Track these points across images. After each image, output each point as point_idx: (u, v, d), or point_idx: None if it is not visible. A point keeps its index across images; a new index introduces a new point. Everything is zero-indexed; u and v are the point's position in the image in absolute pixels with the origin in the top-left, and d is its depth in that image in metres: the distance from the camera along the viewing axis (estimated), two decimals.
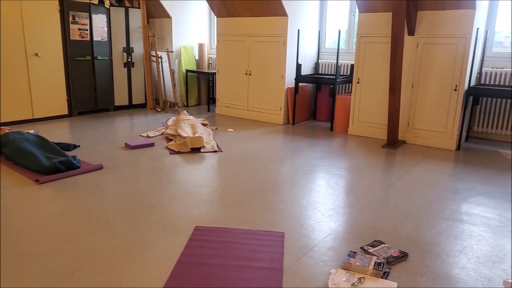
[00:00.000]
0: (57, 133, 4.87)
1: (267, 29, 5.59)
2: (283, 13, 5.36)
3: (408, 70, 4.68)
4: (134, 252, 2.22)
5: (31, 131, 4.28)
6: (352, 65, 5.65)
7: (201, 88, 7.35)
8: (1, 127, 4.28)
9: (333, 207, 2.93)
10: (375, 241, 2.44)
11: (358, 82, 5.07)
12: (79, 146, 4.33)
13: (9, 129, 4.21)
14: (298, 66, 5.51)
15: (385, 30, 4.75)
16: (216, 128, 5.39)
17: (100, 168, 3.63)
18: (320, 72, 6.17)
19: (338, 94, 5.99)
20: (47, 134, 4.80)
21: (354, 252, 2.27)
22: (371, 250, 2.32)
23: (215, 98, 7.36)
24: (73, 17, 5.63)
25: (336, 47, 6.08)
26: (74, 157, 3.64)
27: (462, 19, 4.29)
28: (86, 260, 2.12)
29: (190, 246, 2.31)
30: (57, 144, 4.14)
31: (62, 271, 2.01)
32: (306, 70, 6.04)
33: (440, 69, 4.50)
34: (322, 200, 3.06)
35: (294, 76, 5.68)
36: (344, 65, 5.88)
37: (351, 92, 5.73)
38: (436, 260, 2.23)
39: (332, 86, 5.33)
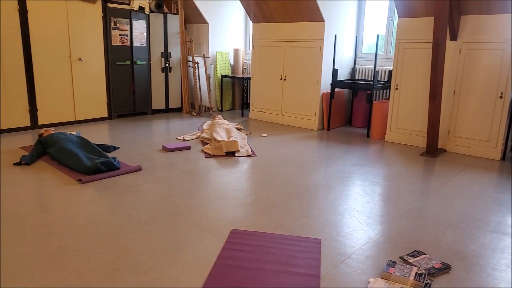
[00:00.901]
0: (97, 135, 5.05)
1: (304, 34, 5.58)
2: (320, 19, 5.33)
3: (450, 76, 4.54)
4: (173, 252, 2.26)
5: (74, 133, 4.45)
6: (390, 71, 5.54)
7: (235, 93, 7.42)
8: (47, 128, 4.48)
9: (371, 215, 2.87)
10: (415, 251, 2.36)
11: (396, 88, 4.96)
12: (118, 148, 4.46)
13: (54, 130, 4.40)
14: (335, 71, 5.46)
15: (425, 35, 4.63)
16: (250, 133, 5.42)
17: (138, 169, 3.72)
18: (356, 78, 6.09)
19: (375, 100, 5.88)
20: (88, 135, 4.98)
21: (394, 262, 2.21)
22: (411, 260, 2.25)
23: (249, 103, 7.41)
24: (115, 23, 5.83)
25: (374, 52, 5.99)
26: (114, 158, 3.75)
27: (509, 24, 4.12)
28: (127, 258, 2.18)
29: (226, 248, 2.33)
30: (98, 145, 4.29)
31: (105, 267, 2.08)
32: (342, 75, 5.98)
33: (484, 76, 4.33)
34: (359, 208, 3.00)
35: (330, 82, 5.64)
36: (381, 71, 5.78)
37: (388, 98, 5.62)
38: (481, 274, 2.13)
39: (370, 92, 5.25)
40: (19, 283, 1.93)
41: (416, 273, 2.09)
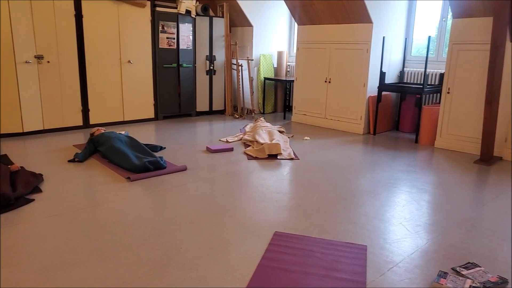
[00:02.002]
0: (144, 135, 5.22)
1: (350, 36, 5.49)
2: (368, 20, 5.22)
3: (508, 80, 4.28)
4: (218, 251, 2.28)
5: (122, 132, 4.62)
6: (441, 74, 5.32)
7: (278, 95, 7.42)
8: (98, 127, 4.69)
9: (420, 224, 2.75)
10: (468, 263, 2.24)
11: (448, 92, 4.75)
12: (165, 147, 4.58)
13: (104, 130, 4.59)
14: (382, 74, 5.32)
15: (482, 36, 4.40)
16: (292, 136, 5.39)
17: (184, 169, 3.80)
18: (405, 81, 5.89)
19: (425, 104, 5.66)
20: (135, 135, 5.16)
21: (445, 273, 2.10)
22: (464, 272, 2.13)
23: (291, 106, 7.37)
24: (162, 27, 6.01)
25: (424, 54, 5.78)
26: (161, 157, 3.86)
27: None
28: (174, 255, 2.22)
29: (270, 250, 2.32)
30: (146, 145, 4.42)
31: (153, 263, 2.13)
32: (390, 78, 5.81)
33: None
34: (406, 215, 2.89)
35: (377, 85, 5.50)
36: (432, 74, 5.56)
37: (439, 103, 5.39)
38: None
39: (419, 95, 5.06)
40: (75, 272, 2.02)
41: (470, 286, 1.98)
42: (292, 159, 4.30)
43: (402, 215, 2.89)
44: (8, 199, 2.76)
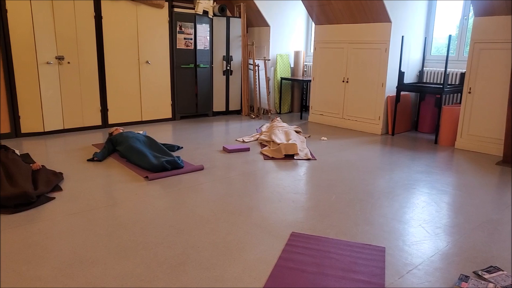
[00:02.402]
0: (162, 135, 5.27)
1: (368, 35, 5.42)
2: (387, 19, 5.15)
3: None
4: (235, 251, 2.28)
5: (141, 132, 4.67)
6: (462, 74, 5.21)
7: (295, 95, 7.39)
8: (116, 127, 4.74)
9: (440, 226, 2.70)
10: (491, 266, 2.18)
11: (469, 92, 4.65)
12: (182, 147, 4.62)
13: (123, 129, 4.65)
14: (401, 74, 5.24)
15: (505, 35, 4.29)
16: (309, 136, 5.36)
17: (201, 169, 3.82)
18: (424, 81, 5.79)
19: (445, 104, 5.56)
20: (153, 135, 5.21)
21: (467, 276, 2.06)
22: (486, 276, 2.08)
23: (308, 106, 7.34)
24: (180, 27, 6.06)
25: (444, 54, 5.67)
26: (178, 157, 3.88)
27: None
28: (191, 254, 2.23)
29: (287, 251, 2.31)
30: (163, 144, 4.46)
31: (171, 262, 2.14)
32: (409, 78, 5.72)
33: None
34: (426, 217, 2.84)
35: (396, 84, 5.42)
36: (452, 74, 5.44)
37: (459, 103, 5.28)
38: None
39: (439, 95, 4.96)
40: (94, 269, 2.05)
41: None
42: (309, 159, 4.27)
43: (422, 217, 2.84)
44: (30, 197, 2.82)
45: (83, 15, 5.12)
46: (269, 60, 6.82)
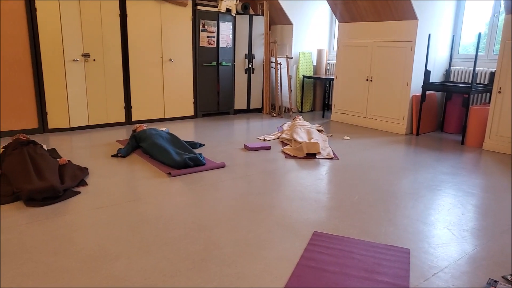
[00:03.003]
0: (184, 132, 5.31)
1: (394, 33, 5.32)
2: (413, 17, 5.04)
3: None
4: (256, 248, 2.28)
5: (163, 129, 4.72)
6: (491, 73, 5.05)
7: (317, 94, 7.33)
8: (140, 124, 4.81)
9: (467, 228, 2.62)
10: None
11: (499, 92, 4.50)
12: (204, 145, 4.64)
13: (146, 126, 4.71)
14: (427, 73, 5.12)
15: None
16: (331, 135, 5.30)
17: (222, 166, 3.83)
18: (451, 80, 5.65)
19: (473, 104, 5.40)
20: (175, 132, 5.26)
21: (495, 281, 1.99)
22: None
23: (330, 105, 7.27)
24: (203, 25, 6.09)
25: (473, 52, 5.51)
26: (200, 154, 3.91)
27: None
28: (213, 250, 2.24)
29: (309, 250, 2.29)
30: (185, 142, 4.50)
31: (193, 257, 2.16)
32: (435, 77, 5.59)
33: None
34: (453, 219, 2.76)
35: (421, 84, 5.30)
36: (481, 73, 5.29)
37: (488, 103, 5.12)
38: None
39: (467, 95, 4.83)
40: (118, 263, 2.08)
41: None
42: (331, 158, 4.22)
43: (448, 219, 2.77)
44: (57, 190, 2.89)
45: (108, 13, 5.22)
46: (292, 58, 6.78)
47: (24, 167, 3.17)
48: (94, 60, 5.22)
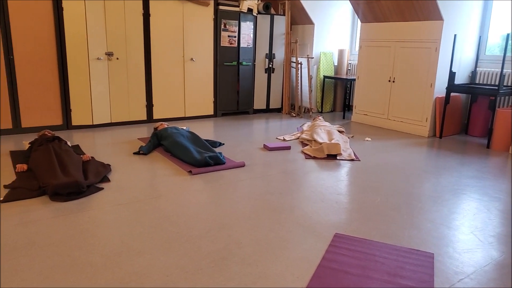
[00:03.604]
0: (204, 131, 5.34)
1: (418, 34, 5.23)
2: (439, 17, 4.94)
3: None
4: (277, 248, 2.27)
5: (184, 128, 4.76)
6: None
7: (337, 94, 7.26)
8: (161, 122, 4.86)
9: (494, 234, 2.55)
10: None
11: None
12: (223, 144, 4.66)
13: (167, 125, 4.76)
14: (452, 75, 5.01)
15: None
16: (352, 136, 5.24)
17: (242, 165, 3.84)
18: (477, 82, 5.51)
19: (499, 107, 5.26)
20: (195, 131, 5.29)
21: None
22: None
23: (350, 105, 7.19)
24: (224, 25, 6.11)
25: (500, 53, 5.36)
26: (220, 153, 3.92)
27: None
28: (233, 249, 2.24)
29: (330, 252, 2.26)
30: (205, 140, 4.52)
31: (214, 256, 2.16)
32: (460, 79, 5.46)
33: None
34: (479, 225, 2.69)
35: (446, 85, 5.19)
36: (508, 75, 5.14)
37: None
38: None
39: (493, 97, 4.70)
40: (141, 259, 2.11)
41: None
42: (352, 160, 4.18)
43: (473, 224, 2.70)
44: (81, 186, 2.94)
45: (132, 12, 5.29)
46: (313, 58, 6.74)
47: (50, 163, 3.24)
48: (117, 58, 5.30)
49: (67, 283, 1.89)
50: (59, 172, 3.10)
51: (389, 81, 5.67)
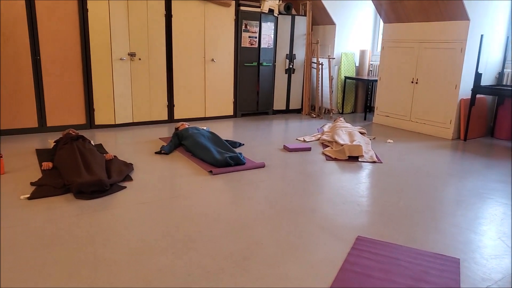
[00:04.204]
0: (224, 131, 5.36)
1: (443, 34, 5.12)
2: (465, 17, 4.82)
3: None
4: (299, 250, 2.25)
5: (204, 128, 4.79)
6: None
7: (358, 95, 7.18)
8: (182, 122, 4.90)
9: None
10: None
11: None
12: (243, 144, 4.66)
13: (188, 125, 4.79)
14: (478, 76, 4.89)
15: None
16: (374, 138, 5.17)
17: (262, 166, 3.83)
18: (504, 84, 5.36)
19: None
20: (215, 131, 5.31)
21: None
22: None
23: (372, 106, 7.10)
24: (245, 26, 6.12)
25: None
26: (240, 153, 3.92)
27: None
28: (255, 249, 2.24)
29: (353, 254, 2.23)
30: (226, 141, 4.53)
31: (235, 256, 2.16)
32: (486, 80, 5.32)
33: None
34: (506, 230, 2.61)
35: (471, 87, 5.06)
36: None
37: None
38: None
39: None
40: (163, 258, 2.12)
41: None
42: (374, 162, 4.12)
43: (501, 229, 2.62)
44: (104, 184, 2.99)
45: (154, 13, 5.35)
46: (334, 58, 6.68)
47: (74, 161, 3.31)
48: (140, 59, 5.37)
49: (92, 280, 1.92)
50: (83, 171, 3.16)
51: (412, 82, 5.57)
